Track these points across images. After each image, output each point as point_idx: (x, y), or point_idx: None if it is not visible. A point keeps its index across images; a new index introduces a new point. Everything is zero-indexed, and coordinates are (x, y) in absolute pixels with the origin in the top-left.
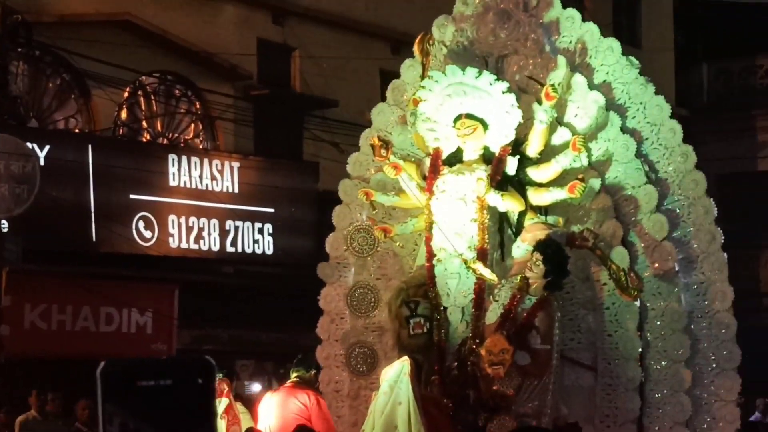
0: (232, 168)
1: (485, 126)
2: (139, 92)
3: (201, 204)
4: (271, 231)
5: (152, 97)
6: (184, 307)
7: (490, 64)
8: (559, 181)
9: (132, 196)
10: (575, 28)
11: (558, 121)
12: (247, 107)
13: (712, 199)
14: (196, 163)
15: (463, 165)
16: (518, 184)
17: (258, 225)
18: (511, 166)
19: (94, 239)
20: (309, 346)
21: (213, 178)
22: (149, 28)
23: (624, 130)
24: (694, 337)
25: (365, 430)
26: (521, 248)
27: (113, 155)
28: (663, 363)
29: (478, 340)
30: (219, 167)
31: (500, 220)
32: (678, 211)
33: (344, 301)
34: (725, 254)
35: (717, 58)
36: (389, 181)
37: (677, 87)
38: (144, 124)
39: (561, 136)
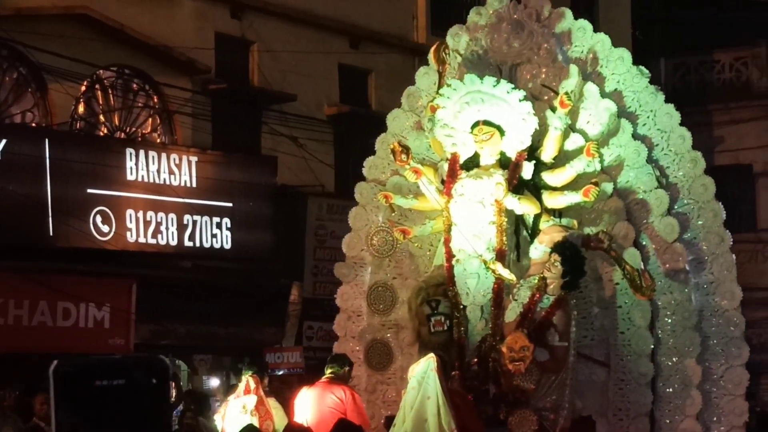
0: (189, 162)
1: (502, 132)
2: (97, 86)
3: (158, 198)
4: (229, 225)
5: (109, 91)
6: (142, 302)
7: (504, 73)
8: (572, 185)
9: (89, 191)
10: (587, 39)
11: (571, 128)
12: (205, 101)
13: (720, 203)
14: (153, 157)
15: (481, 169)
16: (533, 188)
17: (216, 219)
18: (527, 170)
19: (51, 234)
20: (262, 341)
21: (171, 172)
22: (107, 22)
23: (635, 136)
24: (704, 334)
25: (396, 423)
26: (539, 250)
27: (70, 149)
28: (674, 359)
29: (498, 337)
30: (177, 161)
31: (516, 222)
32: (688, 214)
33: (361, 299)
34: (734, 256)
35: (674, 53)
36: (405, 184)
37: None
38: (101, 118)
39: (574, 141)
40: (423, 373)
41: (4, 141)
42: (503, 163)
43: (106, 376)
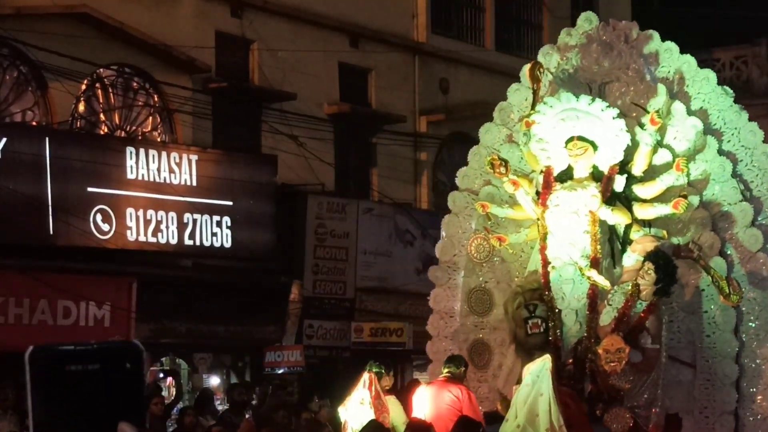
0: (190, 161)
1: (595, 147)
2: (97, 85)
3: (159, 197)
4: (229, 224)
5: (110, 90)
6: (142, 301)
7: (594, 91)
8: (661, 197)
9: (89, 189)
10: (673, 60)
11: (659, 143)
12: (205, 100)
13: None
14: (153, 155)
15: (574, 182)
16: (624, 200)
17: (216, 218)
18: (619, 183)
19: (51, 232)
20: (262, 340)
21: (171, 170)
22: (107, 21)
23: (720, 152)
24: None
25: (509, 418)
26: (632, 258)
27: (71, 148)
28: (757, 361)
29: (593, 340)
30: (177, 160)
31: (608, 231)
32: None
33: (453, 301)
34: None
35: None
36: (497, 194)
37: None
38: (101, 116)
39: (662, 156)
40: (538, 372)
41: (4, 140)
42: (595, 176)
43: (80, 361)
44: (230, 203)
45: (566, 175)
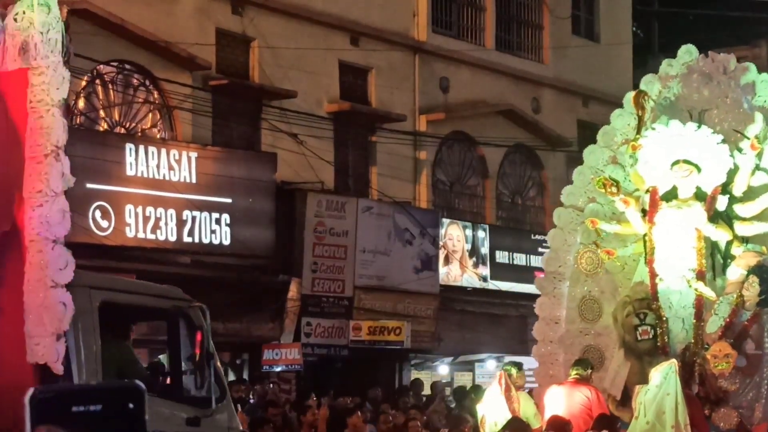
0: (189, 158)
1: (699, 170)
2: (97, 81)
3: (158, 194)
4: (228, 221)
5: (110, 86)
6: None
7: (693, 117)
8: (760, 216)
9: (89, 186)
10: None
11: (756, 167)
12: (205, 97)
13: None
14: (153, 152)
15: (680, 201)
16: (726, 218)
17: (215, 215)
18: (722, 203)
19: None
20: (260, 337)
21: (170, 167)
22: (107, 17)
23: None
24: None
25: (638, 416)
26: (736, 272)
27: (70, 144)
28: None
29: (700, 346)
30: (176, 157)
31: (710, 247)
32: None
33: (558, 309)
34: None
35: (674, 52)
36: (601, 210)
37: (635, 81)
38: (101, 113)
39: (759, 179)
40: (665, 374)
41: None
42: (698, 196)
43: (82, 402)
44: (229, 200)
45: (671, 195)
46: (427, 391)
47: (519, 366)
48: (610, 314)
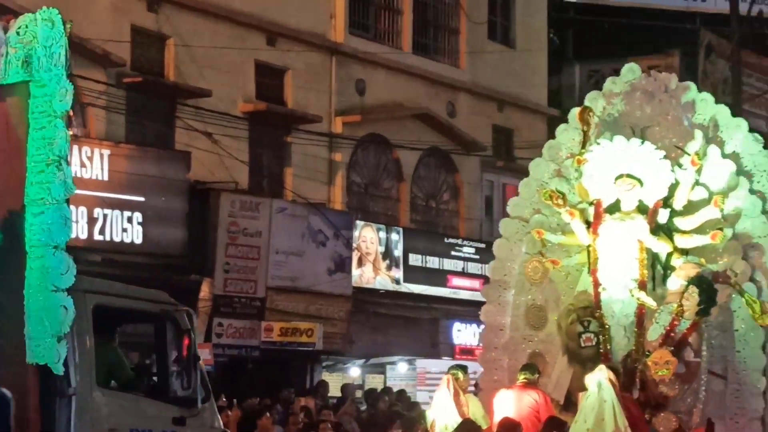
0: (102, 155)
1: (642, 184)
2: None
3: None
4: (140, 220)
5: None
6: None
7: (636, 133)
8: (698, 229)
9: None
10: (709, 108)
11: (696, 182)
12: (119, 94)
13: None
14: None
15: (622, 213)
16: (667, 230)
17: (127, 214)
18: (663, 216)
19: None
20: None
21: (82, 165)
22: (21, 12)
23: (751, 191)
24: None
25: (578, 421)
26: (676, 282)
27: None
28: None
29: (641, 353)
30: (89, 154)
31: (651, 258)
32: None
33: (503, 316)
34: None
35: (589, 59)
36: (546, 221)
37: (550, 87)
38: None
39: (698, 193)
40: (598, 382)
41: None
42: (641, 209)
43: None
44: (142, 199)
45: (614, 208)
46: (337, 393)
47: (465, 369)
48: (554, 322)
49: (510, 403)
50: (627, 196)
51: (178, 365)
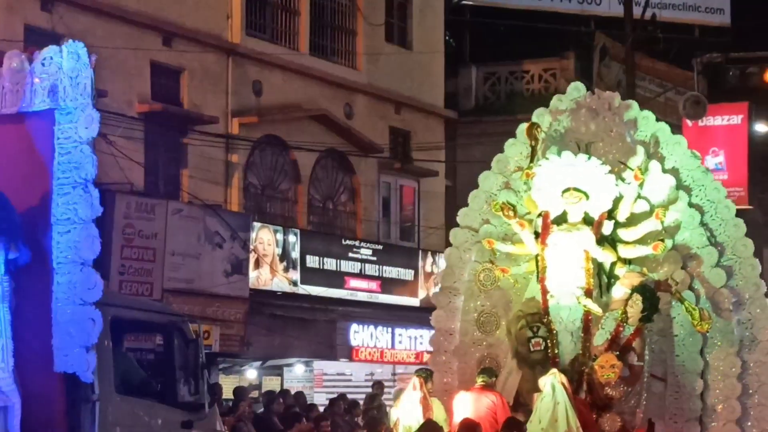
0: None
1: (587, 197)
2: None
3: None
4: None
5: None
6: None
7: (581, 148)
8: (640, 240)
9: None
10: (650, 126)
11: (638, 195)
12: None
13: (758, 260)
14: None
15: (569, 225)
16: (611, 241)
17: None
18: (607, 228)
19: None
20: None
21: None
22: None
23: (690, 204)
24: (743, 359)
25: (533, 421)
26: (620, 290)
27: None
28: (719, 377)
29: (588, 357)
30: None
31: (596, 267)
32: (732, 266)
33: (453, 321)
34: None
35: (485, 62)
36: (495, 231)
37: (446, 89)
38: None
39: (640, 206)
40: (552, 384)
41: None
42: (587, 220)
43: None
44: None
45: (561, 219)
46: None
47: (431, 373)
48: (504, 327)
49: (468, 404)
50: (573, 209)
51: (186, 372)
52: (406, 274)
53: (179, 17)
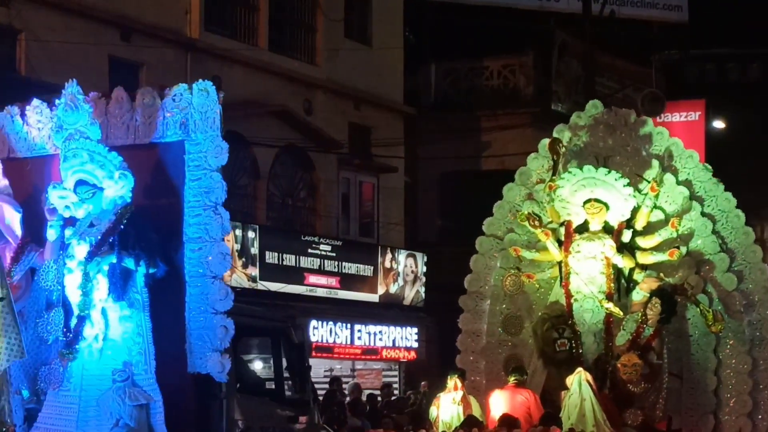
0: None
1: (608, 207)
2: None
3: None
4: None
5: None
6: None
7: (599, 162)
8: (658, 248)
9: None
10: (664, 140)
11: (654, 205)
12: None
13: (767, 265)
14: None
15: (590, 233)
16: (630, 248)
17: None
18: (626, 236)
19: None
20: None
21: None
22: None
23: (703, 214)
24: (753, 357)
25: (562, 417)
26: (639, 294)
27: None
28: (731, 374)
29: (610, 356)
30: None
31: (617, 273)
32: (742, 271)
33: (479, 324)
34: None
35: (445, 58)
36: (518, 240)
37: (406, 85)
38: None
39: (656, 215)
40: (578, 382)
41: None
42: (606, 229)
43: None
44: None
45: (582, 228)
46: None
47: (464, 372)
48: (528, 329)
49: (504, 401)
50: (594, 219)
51: (293, 372)
52: (366, 270)
53: (138, 12)
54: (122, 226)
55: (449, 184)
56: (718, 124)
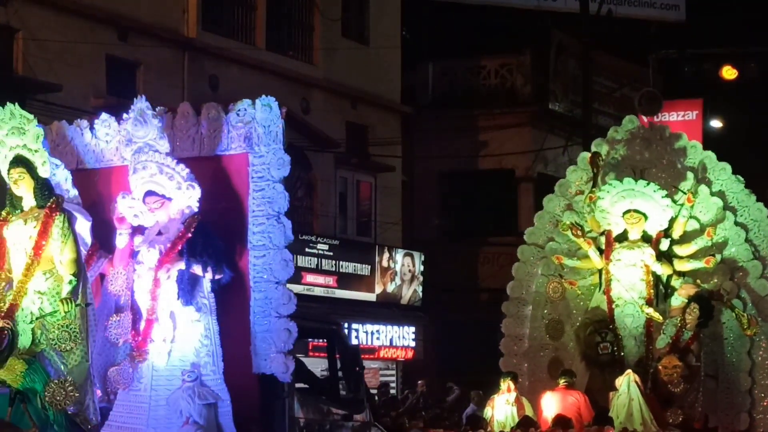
0: None
1: (646, 218)
2: None
3: None
4: None
5: None
6: None
7: (636, 174)
8: (694, 256)
9: None
10: (698, 153)
11: (690, 215)
12: None
13: None
14: None
15: (630, 242)
16: (667, 256)
17: None
18: (664, 244)
19: None
20: None
21: None
22: None
23: (736, 223)
24: None
25: (612, 416)
26: (678, 299)
27: None
28: (765, 374)
29: (651, 359)
30: None
31: (655, 279)
32: None
33: (521, 328)
34: None
35: (442, 57)
36: (559, 248)
37: (403, 84)
38: None
39: (691, 225)
40: (627, 383)
41: None
42: (645, 238)
43: None
44: None
45: (622, 237)
46: None
47: (516, 375)
48: (570, 333)
49: (555, 402)
50: (634, 228)
51: (347, 373)
52: (363, 269)
53: (135, 11)
54: (190, 235)
55: (447, 183)
56: (716, 123)
